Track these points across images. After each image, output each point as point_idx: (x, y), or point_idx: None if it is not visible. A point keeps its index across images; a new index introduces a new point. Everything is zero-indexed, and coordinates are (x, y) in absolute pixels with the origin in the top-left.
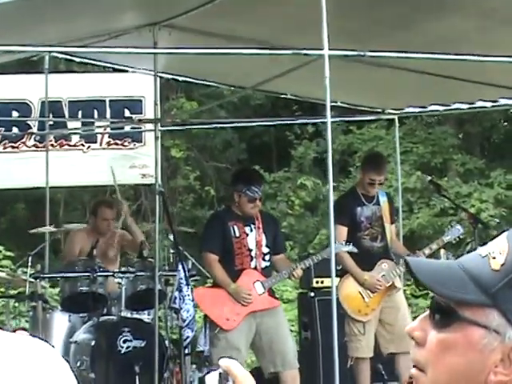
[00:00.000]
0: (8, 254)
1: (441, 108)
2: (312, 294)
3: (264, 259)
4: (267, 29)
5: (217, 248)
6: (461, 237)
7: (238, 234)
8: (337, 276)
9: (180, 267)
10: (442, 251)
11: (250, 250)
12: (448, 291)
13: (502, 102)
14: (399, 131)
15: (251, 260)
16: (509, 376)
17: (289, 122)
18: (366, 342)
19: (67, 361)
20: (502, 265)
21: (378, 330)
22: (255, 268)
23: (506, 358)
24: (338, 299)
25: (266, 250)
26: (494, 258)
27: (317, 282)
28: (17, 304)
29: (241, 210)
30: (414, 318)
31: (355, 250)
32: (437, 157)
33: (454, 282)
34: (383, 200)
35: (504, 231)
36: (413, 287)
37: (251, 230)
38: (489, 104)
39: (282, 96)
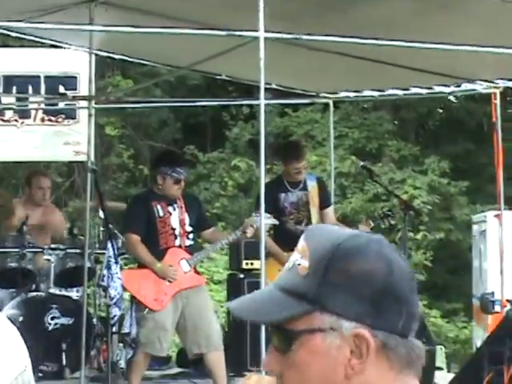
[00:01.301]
0: None
1: (375, 93)
2: (241, 276)
3: (188, 237)
4: (204, 8)
5: (139, 229)
6: (392, 223)
7: (161, 214)
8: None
9: (109, 245)
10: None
11: (174, 229)
12: (272, 317)
13: (437, 89)
14: (335, 115)
15: (175, 239)
16: (364, 363)
17: (224, 103)
18: None
19: None
20: (308, 267)
21: None
22: (179, 246)
23: (354, 347)
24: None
25: (189, 228)
26: (299, 264)
27: (246, 264)
28: None
29: (164, 191)
30: None
31: (276, 222)
32: (372, 142)
33: (276, 305)
34: (312, 185)
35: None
36: None
37: (174, 209)
38: (424, 91)
39: (218, 77)
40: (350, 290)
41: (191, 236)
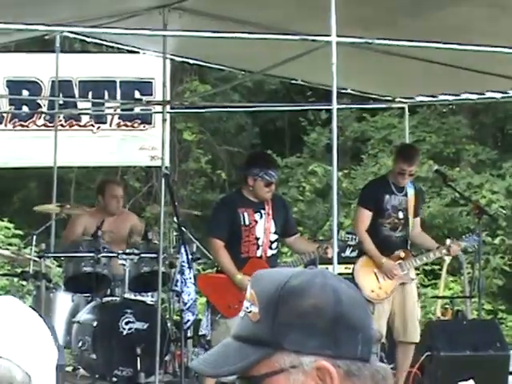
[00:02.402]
0: (17, 232)
1: (451, 98)
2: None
3: (271, 247)
4: (276, 13)
5: (223, 235)
6: (476, 246)
7: (247, 222)
8: (342, 263)
9: (182, 250)
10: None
11: (258, 239)
12: (231, 368)
13: None
14: (413, 120)
15: (257, 248)
16: None
17: (302, 108)
18: (375, 324)
19: (69, 340)
20: (259, 313)
21: (389, 319)
22: (261, 257)
23: (318, 381)
24: (352, 277)
25: (273, 237)
26: (250, 311)
27: (325, 253)
28: (23, 282)
29: (254, 194)
30: (422, 307)
31: (353, 243)
32: (449, 146)
33: (234, 356)
34: (411, 192)
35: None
36: (421, 276)
37: (261, 217)
38: (499, 95)
39: (294, 82)
40: (303, 326)
41: (274, 245)
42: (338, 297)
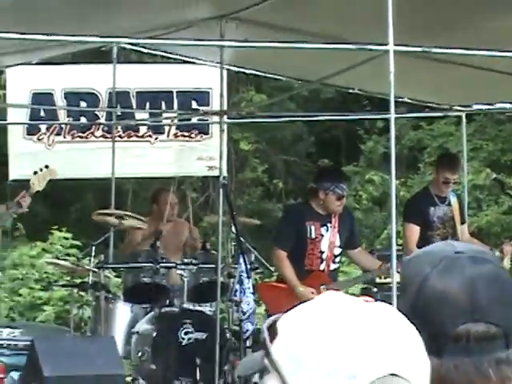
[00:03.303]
0: (75, 243)
1: (508, 105)
2: (375, 290)
3: (334, 261)
4: (333, 23)
5: (289, 246)
6: None
7: (313, 236)
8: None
9: (241, 260)
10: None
11: (322, 252)
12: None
13: None
14: (469, 128)
15: (321, 262)
16: None
17: (356, 118)
18: None
19: (128, 351)
20: None
21: None
22: (323, 270)
23: None
24: None
25: (337, 251)
26: None
27: (380, 278)
28: (82, 293)
29: (325, 207)
30: None
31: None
32: (507, 154)
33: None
34: (453, 200)
35: None
36: None
37: (327, 230)
38: None
39: (349, 91)
40: None
41: (337, 259)
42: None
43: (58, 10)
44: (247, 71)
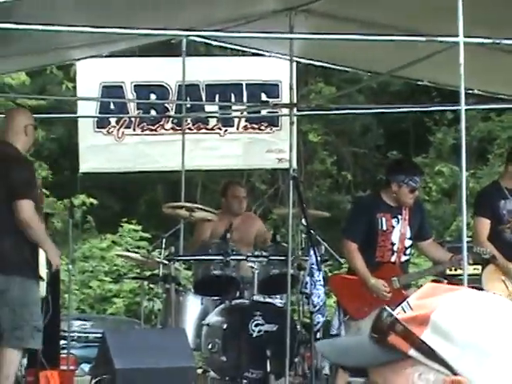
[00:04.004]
0: (145, 235)
1: None
2: (445, 282)
3: (405, 253)
4: (402, 15)
5: (359, 238)
6: None
7: (384, 228)
8: (477, 264)
9: (311, 252)
10: None
11: (393, 244)
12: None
13: None
14: None
15: (392, 254)
16: None
17: (426, 109)
18: None
19: (199, 343)
20: None
21: None
22: (394, 262)
23: None
24: (480, 285)
25: (408, 243)
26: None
27: (450, 270)
28: (152, 285)
29: (397, 199)
30: None
31: (487, 256)
32: None
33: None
34: None
35: None
36: None
37: (398, 222)
38: None
39: (418, 83)
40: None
41: (408, 251)
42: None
43: (129, 4)
44: (316, 63)
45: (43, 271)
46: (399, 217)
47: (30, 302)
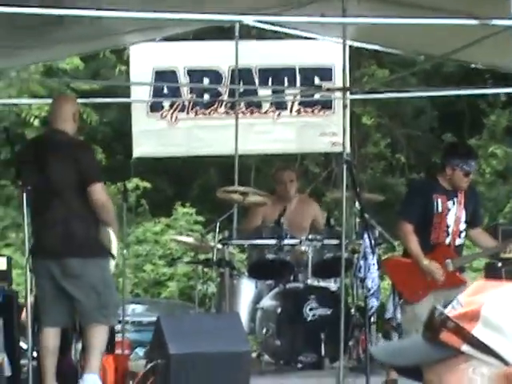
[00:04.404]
0: (199, 218)
1: None
2: (500, 264)
3: (459, 236)
4: None
5: (415, 219)
6: None
7: (440, 209)
8: None
9: (365, 236)
10: None
11: (448, 227)
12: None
13: None
14: None
15: (447, 236)
16: None
17: (482, 93)
18: None
19: (253, 327)
20: None
21: None
22: (449, 245)
23: None
24: None
25: (463, 226)
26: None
27: (504, 252)
28: (206, 269)
29: (452, 183)
30: None
31: None
32: None
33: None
34: None
35: None
36: None
37: (453, 204)
38: None
39: (472, 66)
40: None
41: (463, 235)
42: None
43: None
44: (369, 47)
45: (115, 249)
46: (455, 200)
47: (110, 280)
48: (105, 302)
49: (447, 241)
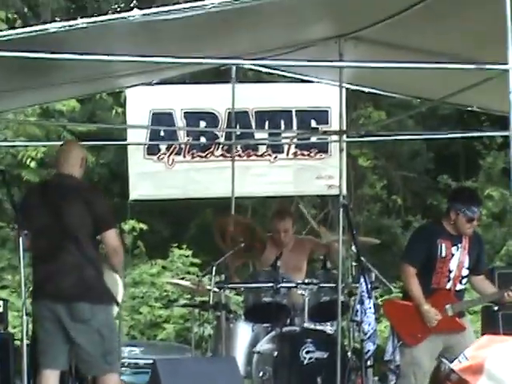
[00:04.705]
0: (195, 260)
1: None
2: (496, 308)
3: (461, 282)
4: (451, 42)
5: (418, 262)
6: None
7: (444, 254)
8: None
9: (362, 280)
10: None
11: (450, 272)
12: None
13: None
14: None
15: (448, 281)
16: None
17: (475, 135)
18: None
19: (250, 371)
20: None
21: None
22: (449, 290)
23: None
24: None
25: (465, 272)
26: None
27: (504, 299)
28: (203, 312)
29: (455, 228)
30: None
31: None
32: None
33: None
34: None
35: None
36: None
37: (457, 250)
38: None
39: (469, 108)
40: None
41: (464, 280)
42: None
43: (179, 33)
44: (366, 89)
45: (121, 295)
46: (459, 245)
47: (114, 327)
48: (109, 348)
49: (448, 286)
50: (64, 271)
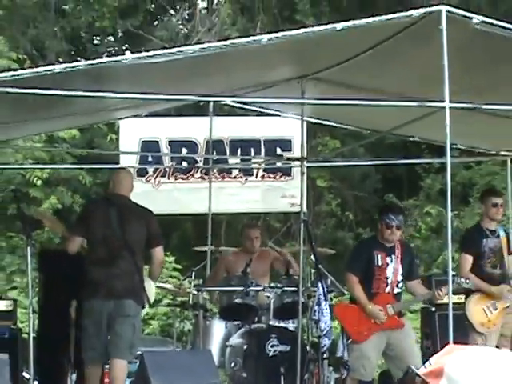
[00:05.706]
0: (177, 266)
1: None
2: (433, 309)
3: (397, 286)
4: (397, 82)
5: (359, 271)
6: None
7: (380, 263)
8: (460, 293)
9: (319, 285)
10: None
11: (387, 278)
12: None
13: None
14: None
15: (386, 286)
16: None
17: (419, 162)
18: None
19: (223, 362)
20: None
21: (498, 343)
22: (388, 293)
23: None
24: (464, 313)
25: (400, 278)
26: None
27: (436, 299)
28: (183, 310)
29: (382, 237)
30: None
31: (472, 288)
32: None
33: None
34: (502, 234)
35: None
36: None
37: (391, 260)
38: None
39: (411, 139)
40: None
41: (400, 285)
42: None
43: (164, 73)
44: (324, 122)
45: (152, 299)
46: (393, 256)
47: (141, 325)
48: (135, 342)
49: (387, 290)
50: (119, 275)
